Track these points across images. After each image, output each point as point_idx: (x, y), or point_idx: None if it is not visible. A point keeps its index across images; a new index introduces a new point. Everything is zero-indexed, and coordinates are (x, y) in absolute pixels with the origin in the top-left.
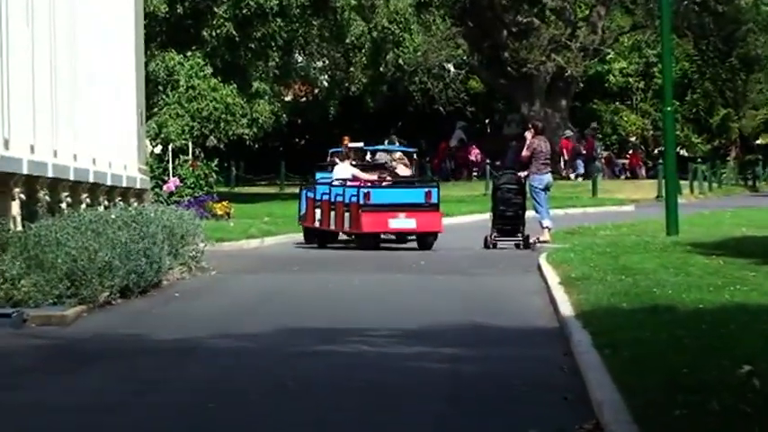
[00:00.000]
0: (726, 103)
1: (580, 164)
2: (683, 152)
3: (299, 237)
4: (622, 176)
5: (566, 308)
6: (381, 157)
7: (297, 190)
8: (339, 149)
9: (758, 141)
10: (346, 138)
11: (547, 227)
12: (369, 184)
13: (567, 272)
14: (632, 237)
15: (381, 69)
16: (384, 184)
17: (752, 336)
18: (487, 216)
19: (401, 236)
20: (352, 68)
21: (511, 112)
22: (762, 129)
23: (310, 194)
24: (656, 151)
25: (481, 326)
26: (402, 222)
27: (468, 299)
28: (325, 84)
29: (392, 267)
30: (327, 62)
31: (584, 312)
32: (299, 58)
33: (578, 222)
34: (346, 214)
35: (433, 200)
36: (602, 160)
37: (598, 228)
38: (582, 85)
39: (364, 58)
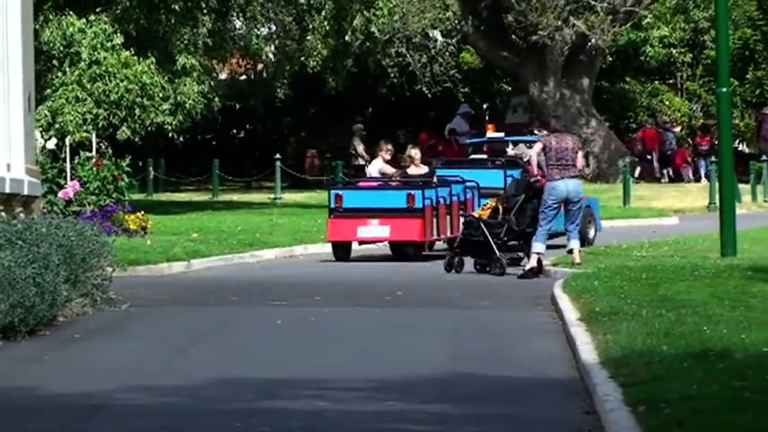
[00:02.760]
0: None
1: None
2: (744, 147)
3: (238, 258)
4: (663, 179)
5: (588, 352)
6: (520, 150)
7: (234, 196)
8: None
9: None
10: (490, 126)
11: (538, 252)
12: (341, 186)
13: (589, 305)
14: (676, 258)
15: (346, 38)
16: (361, 184)
17: None
18: None
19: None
20: (307, 37)
21: (517, 94)
22: None
23: None
24: (707, 144)
25: (476, 376)
26: (373, 230)
27: (459, 340)
28: (272, 57)
29: (360, 297)
30: (275, 29)
31: (613, 358)
32: (238, 24)
33: (604, 240)
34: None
35: (417, 204)
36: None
37: (631, 247)
38: (610, 58)
39: (324, 24)
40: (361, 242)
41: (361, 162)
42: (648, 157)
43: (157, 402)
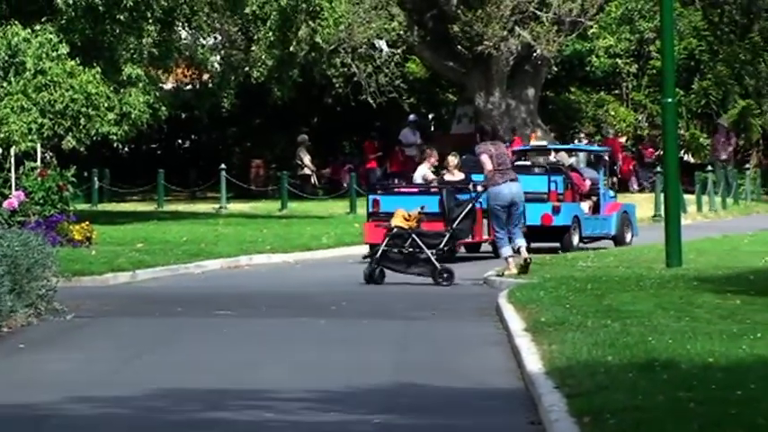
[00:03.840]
0: (745, 92)
1: None
2: (689, 157)
3: (183, 269)
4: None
5: (533, 363)
6: (562, 158)
7: (179, 206)
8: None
9: None
10: (533, 134)
11: (509, 256)
12: (379, 192)
13: (534, 315)
14: (621, 269)
15: (292, 49)
16: (398, 190)
17: None
18: None
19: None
20: (253, 47)
21: (462, 104)
22: None
23: None
24: (653, 156)
25: (420, 386)
26: None
27: (404, 351)
28: (218, 67)
29: (305, 308)
30: (220, 39)
31: (558, 369)
32: (183, 34)
33: (549, 250)
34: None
35: None
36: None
37: (576, 257)
38: (556, 69)
39: (269, 34)
40: None
41: (307, 172)
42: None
43: (103, 413)
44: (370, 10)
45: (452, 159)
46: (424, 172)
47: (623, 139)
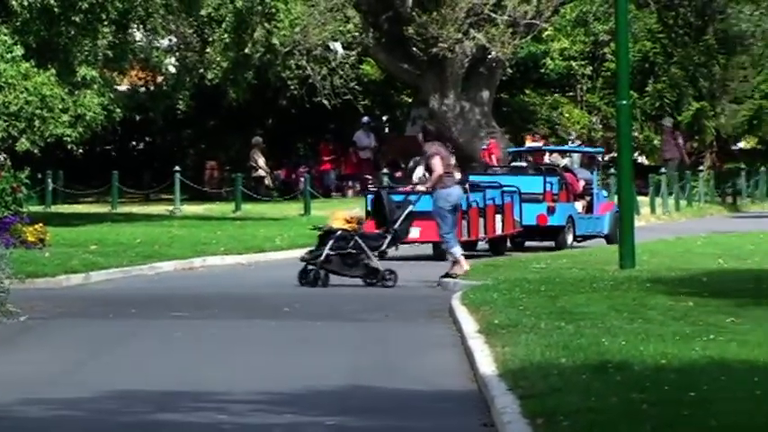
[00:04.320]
0: (699, 94)
1: None
2: (643, 159)
3: (137, 270)
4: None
5: (486, 364)
6: (556, 159)
7: (134, 208)
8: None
9: (740, 145)
10: (528, 137)
11: (460, 255)
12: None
13: (488, 317)
14: (574, 270)
15: (247, 50)
16: (397, 190)
17: (730, 401)
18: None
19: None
20: (208, 49)
21: (417, 106)
22: (745, 129)
23: None
24: (606, 158)
25: (374, 389)
26: None
27: (357, 352)
28: (173, 69)
29: (259, 310)
30: (175, 41)
31: (511, 370)
32: (138, 36)
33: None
34: None
35: None
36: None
37: (529, 259)
38: (510, 71)
39: (225, 36)
40: None
41: (261, 174)
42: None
43: (55, 415)
44: (325, 12)
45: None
46: (421, 173)
47: (578, 142)
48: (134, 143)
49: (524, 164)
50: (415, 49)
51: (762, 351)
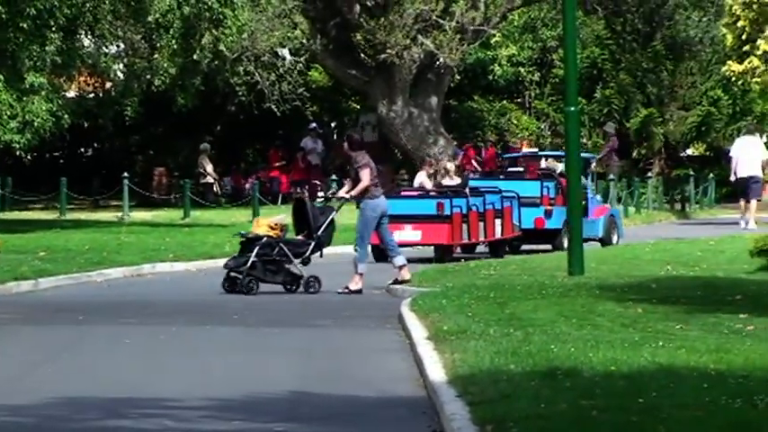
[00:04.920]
0: (647, 100)
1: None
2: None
3: (86, 277)
4: None
5: (435, 371)
6: (552, 165)
7: (82, 215)
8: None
9: (689, 152)
10: (524, 143)
11: (402, 265)
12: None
13: (437, 323)
14: (523, 277)
15: (195, 56)
16: (403, 194)
17: (679, 408)
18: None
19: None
20: (156, 55)
21: (365, 112)
22: (694, 135)
23: None
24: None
25: (323, 395)
26: (407, 235)
27: (307, 359)
28: (121, 75)
29: (208, 316)
30: (124, 47)
31: (460, 377)
32: (86, 42)
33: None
34: None
35: (446, 211)
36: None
37: (479, 265)
38: (458, 77)
39: (173, 42)
40: (400, 245)
41: (210, 180)
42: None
43: (3, 422)
44: (273, 18)
45: (450, 165)
46: (422, 179)
47: (525, 148)
48: (82, 149)
49: (521, 168)
50: (363, 55)
51: (710, 358)
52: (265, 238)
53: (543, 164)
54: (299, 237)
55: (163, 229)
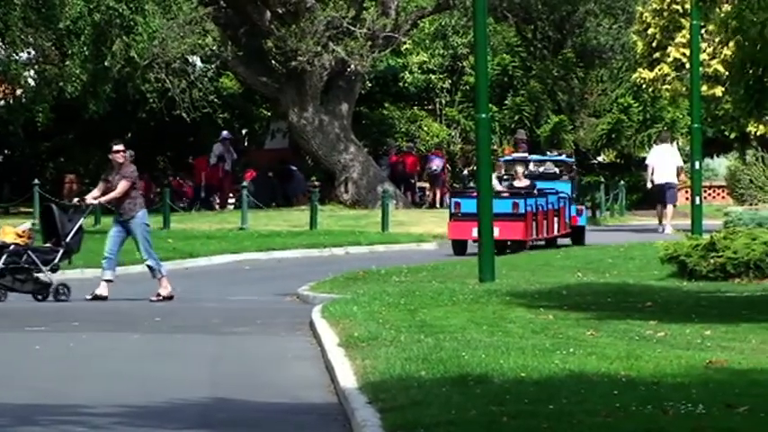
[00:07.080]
0: (558, 108)
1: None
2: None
3: None
4: (423, 205)
5: (346, 377)
6: (550, 168)
7: None
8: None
9: (599, 159)
10: (508, 148)
11: (163, 276)
12: (460, 195)
13: (348, 330)
14: (434, 283)
15: (106, 63)
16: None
17: (590, 414)
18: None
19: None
20: (67, 62)
21: (276, 119)
22: (604, 142)
23: None
24: (465, 171)
25: (235, 401)
26: None
27: (219, 365)
28: (32, 82)
29: (119, 323)
30: (34, 53)
31: (371, 383)
32: None
33: (363, 265)
34: None
35: (520, 210)
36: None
37: (389, 272)
38: (369, 84)
39: (84, 49)
40: (475, 241)
41: None
42: (412, 181)
43: None
44: (184, 25)
45: (519, 168)
46: (493, 181)
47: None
48: None
49: (556, 169)
50: (273, 62)
51: (621, 364)
52: (12, 246)
53: (541, 168)
54: (48, 244)
55: None
